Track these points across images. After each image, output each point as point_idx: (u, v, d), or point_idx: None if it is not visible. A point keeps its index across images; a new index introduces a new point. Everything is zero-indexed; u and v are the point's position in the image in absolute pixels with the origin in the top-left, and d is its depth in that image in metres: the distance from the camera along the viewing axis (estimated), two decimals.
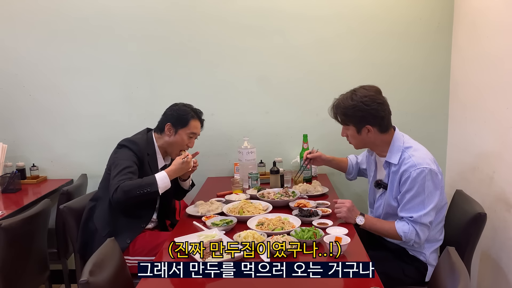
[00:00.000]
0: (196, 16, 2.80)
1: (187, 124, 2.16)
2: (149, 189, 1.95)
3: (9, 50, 2.85)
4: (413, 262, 1.92)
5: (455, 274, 1.30)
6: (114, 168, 2.04)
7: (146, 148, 2.15)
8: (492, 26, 2.24)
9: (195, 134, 2.22)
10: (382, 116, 1.86)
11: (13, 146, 2.89)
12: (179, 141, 2.17)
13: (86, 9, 2.80)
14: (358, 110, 1.82)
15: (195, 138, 2.25)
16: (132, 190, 1.92)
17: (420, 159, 1.79)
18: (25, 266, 2.06)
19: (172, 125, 2.17)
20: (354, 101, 1.83)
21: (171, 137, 2.17)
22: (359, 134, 1.89)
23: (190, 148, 2.25)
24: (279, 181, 2.51)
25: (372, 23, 2.78)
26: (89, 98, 2.90)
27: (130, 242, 2.03)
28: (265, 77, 2.87)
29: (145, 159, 2.13)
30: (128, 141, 2.13)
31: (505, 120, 2.10)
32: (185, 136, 2.17)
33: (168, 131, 2.17)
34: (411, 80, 2.84)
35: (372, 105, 1.82)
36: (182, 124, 2.16)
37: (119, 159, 2.06)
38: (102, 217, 2.08)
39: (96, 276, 1.32)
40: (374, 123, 1.85)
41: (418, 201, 1.78)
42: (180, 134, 2.17)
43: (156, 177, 1.98)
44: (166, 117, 2.20)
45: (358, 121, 1.86)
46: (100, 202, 2.13)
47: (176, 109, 2.20)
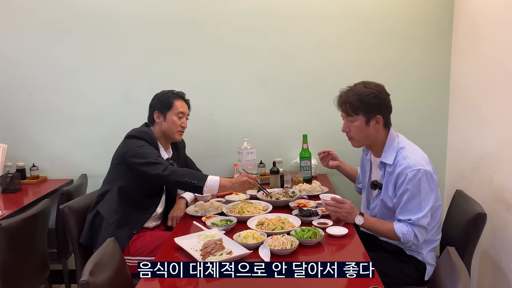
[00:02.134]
0: (196, 16, 2.80)
1: (172, 105, 2.22)
2: (196, 182, 1.99)
3: (9, 50, 2.85)
4: (412, 262, 1.92)
5: (455, 274, 1.30)
6: (137, 155, 2.03)
7: (153, 139, 2.19)
8: (492, 26, 2.24)
9: (184, 113, 2.26)
10: (390, 109, 1.90)
11: (13, 146, 2.89)
12: (171, 124, 2.22)
13: (86, 9, 2.80)
14: (374, 97, 1.83)
15: (186, 118, 2.29)
16: (182, 175, 1.99)
17: (415, 160, 1.79)
18: (25, 266, 2.06)
19: (159, 111, 2.23)
20: (369, 88, 1.84)
21: (162, 124, 2.23)
22: (367, 126, 1.87)
23: (185, 128, 2.28)
24: (279, 181, 2.51)
25: (372, 23, 2.78)
26: (89, 98, 2.90)
27: (136, 232, 2.07)
28: (265, 78, 2.87)
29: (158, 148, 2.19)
30: (139, 131, 2.17)
31: (505, 121, 2.10)
32: (175, 118, 2.22)
33: (158, 118, 2.23)
34: (411, 80, 2.84)
35: (385, 95, 1.87)
36: (167, 107, 2.22)
37: (143, 148, 2.07)
38: (110, 206, 2.09)
39: (96, 276, 1.32)
40: (384, 113, 1.87)
41: (415, 203, 1.78)
42: (169, 117, 2.22)
43: (209, 177, 2.02)
44: (151, 107, 2.27)
45: (371, 109, 1.85)
46: (109, 192, 2.13)
47: (157, 96, 2.28)
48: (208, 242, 1.63)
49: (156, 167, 1.99)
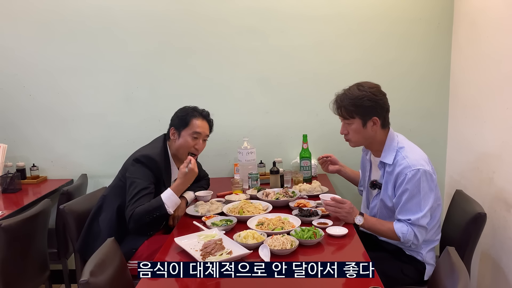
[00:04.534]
0: (196, 16, 2.80)
1: (188, 124, 2.09)
2: (157, 213, 1.91)
3: (9, 50, 2.85)
4: (411, 262, 1.92)
5: (455, 274, 1.30)
6: (130, 187, 1.97)
7: (163, 162, 2.08)
8: (492, 26, 2.24)
9: (200, 134, 2.10)
10: (387, 109, 1.89)
11: (13, 146, 2.89)
12: (183, 144, 2.09)
13: (86, 9, 2.80)
14: (368, 99, 1.82)
15: (202, 139, 2.14)
16: (141, 218, 1.89)
17: (415, 160, 1.79)
18: (25, 266, 2.06)
19: (175, 128, 2.12)
20: (363, 91, 1.83)
21: (176, 142, 2.11)
22: (364, 128, 1.87)
23: (200, 151, 2.15)
24: (279, 181, 2.51)
25: (372, 23, 2.78)
26: (89, 98, 2.90)
27: (136, 251, 2.00)
28: (265, 77, 2.87)
29: (162, 176, 2.07)
30: (146, 157, 2.02)
31: (505, 120, 2.10)
32: (189, 138, 2.09)
33: (173, 135, 2.12)
34: (411, 80, 2.84)
35: (380, 95, 1.85)
36: (183, 125, 2.09)
37: (135, 177, 1.98)
38: (109, 223, 2.05)
39: (97, 277, 1.32)
40: (381, 114, 1.86)
41: (415, 202, 1.78)
42: (184, 136, 2.09)
43: (163, 198, 1.92)
44: (171, 122, 2.16)
45: (366, 112, 1.84)
46: (107, 206, 2.09)
47: (178, 111, 2.16)
48: (208, 242, 1.63)
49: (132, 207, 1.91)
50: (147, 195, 1.95)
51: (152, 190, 2.00)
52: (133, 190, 1.95)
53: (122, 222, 2.02)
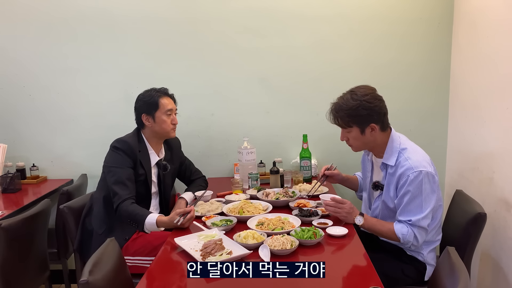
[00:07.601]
0: (196, 16, 2.80)
1: (158, 105, 2.16)
2: (136, 225, 2.00)
3: (9, 50, 2.85)
4: (412, 262, 1.92)
5: (455, 274, 1.30)
6: (109, 175, 2.07)
7: (137, 145, 2.16)
8: (492, 26, 2.24)
9: (171, 110, 2.21)
10: (385, 113, 1.86)
11: (13, 146, 2.89)
12: (162, 124, 2.18)
13: (86, 9, 2.79)
14: (363, 108, 1.80)
15: (175, 113, 2.25)
16: (125, 216, 2.01)
17: (417, 162, 1.78)
18: (25, 266, 2.06)
19: (146, 113, 2.18)
20: (357, 100, 1.80)
21: (153, 125, 2.19)
22: (362, 135, 1.86)
23: (176, 123, 2.25)
24: (279, 181, 2.51)
25: (372, 23, 2.78)
26: (89, 98, 2.90)
27: (129, 239, 2.05)
28: (265, 77, 2.87)
29: (137, 157, 2.14)
30: (119, 141, 2.14)
31: (505, 121, 2.10)
32: (164, 117, 2.17)
33: (147, 121, 2.19)
34: (411, 80, 2.84)
35: (375, 102, 1.82)
36: (154, 107, 2.17)
37: (112, 166, 2.09)
38: (98, 215, 2.11)
39: (96, 276, 1.32)
40: (378, 120, 1.84)
41: (416, 204, 1.78)
42: (159, 117, 2.17)
43: (146, 220, 1.96)
44: (137, 110, 2.22)
45: (363, 120, 1.83)
46: (96, 202, 2.15)
47: (141, 98, 2.22)
48: (208, 242, 1.63)
49: (118, 197, 2.01)
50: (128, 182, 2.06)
51: (131, 175, 2.09)
52: (113, 177, 2.06)
53: (110, 212, 2.08)
